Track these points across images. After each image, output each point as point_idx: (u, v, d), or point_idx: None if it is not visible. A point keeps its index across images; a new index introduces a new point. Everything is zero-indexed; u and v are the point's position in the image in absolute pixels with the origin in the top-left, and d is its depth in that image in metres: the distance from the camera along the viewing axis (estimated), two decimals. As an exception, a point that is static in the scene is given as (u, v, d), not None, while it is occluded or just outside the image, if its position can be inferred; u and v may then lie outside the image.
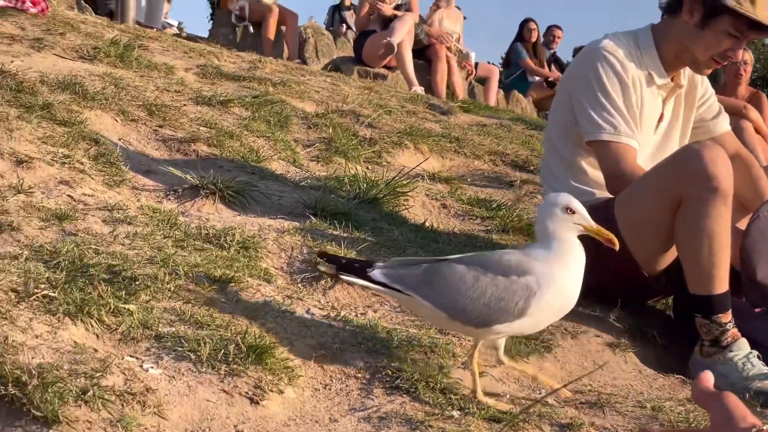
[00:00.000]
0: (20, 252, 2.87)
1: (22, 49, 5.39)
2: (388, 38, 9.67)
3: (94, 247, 3.05)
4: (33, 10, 6.42)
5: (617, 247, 2.69)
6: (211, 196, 3.97)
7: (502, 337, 2.76)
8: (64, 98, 4.47)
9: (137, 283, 2.85)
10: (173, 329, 2.67)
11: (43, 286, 2.64)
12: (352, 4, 16.82)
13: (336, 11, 16.56)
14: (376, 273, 2.71)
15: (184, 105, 5.15)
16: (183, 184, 4.03)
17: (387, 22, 9.94)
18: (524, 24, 13.14)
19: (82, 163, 3.87)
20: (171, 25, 13.43)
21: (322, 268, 2.84)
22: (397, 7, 10.12)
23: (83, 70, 5.14)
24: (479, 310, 2.63)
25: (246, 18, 10.66)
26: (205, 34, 13.28)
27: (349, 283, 3.05)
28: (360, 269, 2.74)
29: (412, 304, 2.79)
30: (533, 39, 13.11)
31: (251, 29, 10.69)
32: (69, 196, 3.54)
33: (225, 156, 4.58)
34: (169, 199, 3.94)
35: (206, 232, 3.48)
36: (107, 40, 6.09)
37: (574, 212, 2.64)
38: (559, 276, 2.63)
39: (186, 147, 4.56)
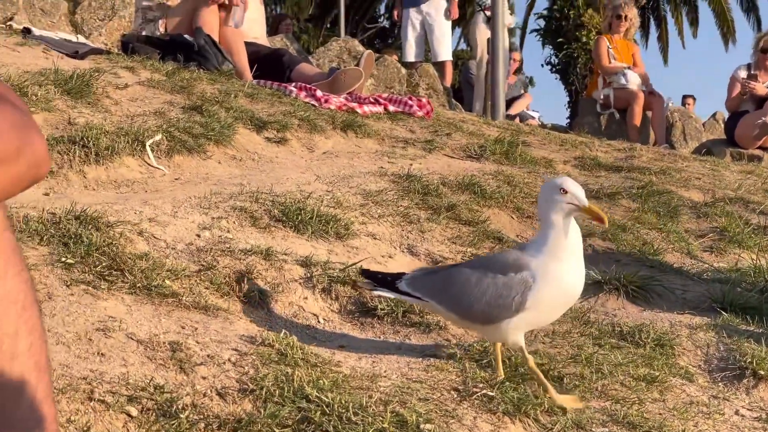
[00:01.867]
0: (454, 351, 3.02)
1: (416, 151, 5.73)
2: (763, 118, 9.30)
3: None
4: (419, 113, 6.84)
5: (606, 224, 2.75)
6: (615, 291, 3.97)
7: (517, 334, 2.78)
8: (465, 198, 4.68)
9: (565, 382, 2.90)
10: (606, 429, 2.69)
11: (481, 385, 2.76)
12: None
13: None
14: (402, 284, 2.90)
15: (573, 199, 5.21)
16: (586, 279, 4.05)
17: (761, 102, 9.57)
18: None
19: (489, 261, 4.02)
20: (532, 117, 13.75)
21: (360, 286, 3.03)
22: (771, 85, 9.73)
23: (475, 169, 5.37)
24: (482, 308, 2.75)
25: (611, 105, 10.65)
26: (561, 122, 13.41)
27: (381, 297, 3.16)
28: (391, 282, 2.92)
29: (432, 309, 2.96)
30: None
31: (617, 116, 10.66)
32: (483, 294, 3.69)
33: (620, 250, 4.58)
34: (573, 295, 3.98)
35: (619, 329, 3.48)
36: (489, 138, 6.35)
37: (566, 192, 2.67)
38: (553, 268, 2.69)
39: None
